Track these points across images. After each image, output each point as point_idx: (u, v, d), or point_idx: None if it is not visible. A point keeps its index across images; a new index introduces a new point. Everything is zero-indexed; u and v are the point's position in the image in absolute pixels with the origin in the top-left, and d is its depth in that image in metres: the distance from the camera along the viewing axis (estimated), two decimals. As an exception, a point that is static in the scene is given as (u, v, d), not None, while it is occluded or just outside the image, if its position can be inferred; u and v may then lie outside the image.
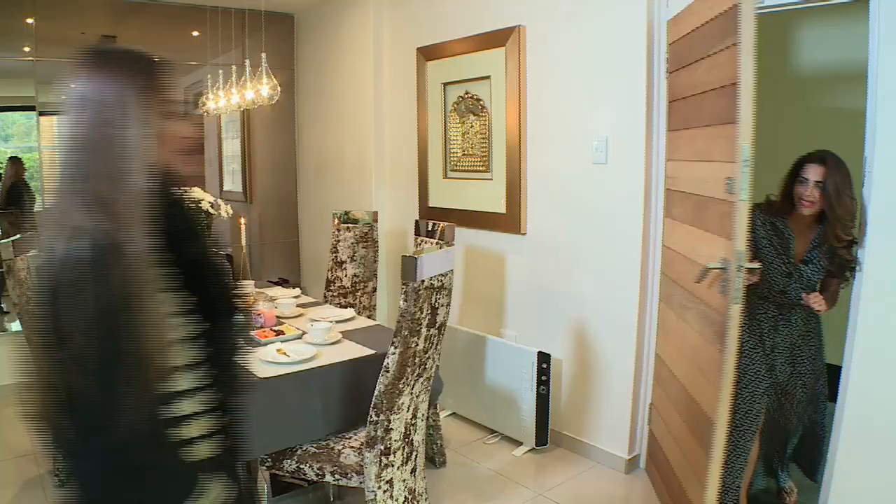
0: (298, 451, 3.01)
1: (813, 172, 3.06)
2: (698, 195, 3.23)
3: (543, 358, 4.22)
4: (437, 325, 2.92)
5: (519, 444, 4.40)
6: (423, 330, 2.80)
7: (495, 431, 4.58)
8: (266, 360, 3.05)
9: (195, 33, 6.47)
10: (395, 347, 2.72)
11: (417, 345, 2.79)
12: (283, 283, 5.63)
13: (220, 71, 5.45)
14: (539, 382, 4.21)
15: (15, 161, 10.20)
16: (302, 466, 2.98)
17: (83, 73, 1.44)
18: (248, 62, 4.85)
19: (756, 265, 2.93)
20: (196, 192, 4.35)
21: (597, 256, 4.10)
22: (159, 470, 1.48)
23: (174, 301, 1.50)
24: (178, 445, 1.50)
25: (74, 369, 1.34)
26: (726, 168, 2.80)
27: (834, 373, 3.11)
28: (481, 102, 4.72)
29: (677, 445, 3.42)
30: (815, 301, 3.11)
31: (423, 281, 2.67)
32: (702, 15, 3.12)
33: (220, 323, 1.66)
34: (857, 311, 2.90)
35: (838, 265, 3.08)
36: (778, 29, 4.85)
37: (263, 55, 4.70)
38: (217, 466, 1.58)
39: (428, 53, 5.12)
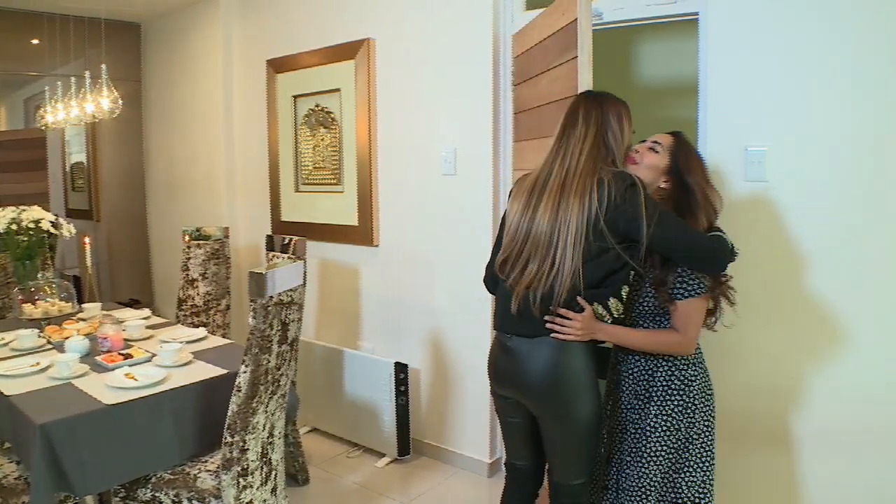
0: (153, 479, 2.90)
1: None
2: None
3: (401, 368, 4.25)
4: (289, 340, 2.89)
5: (382, 455, 4.40)
6: (275, 346, 2.77)
7: (357, 444, 4.57)
8: (113, 385, 2.93)
9: (34, 41, 6.17)
10: (246, 366, 2.67)
11: (269, 362, 2.76)
12: (133, 303, 5.45)
13: (59, 82, 5.22)
14: (398, 393, 4.23)
15: None
16: (157, 494, 2.87)
17: None
18: (87, 73, 4.67)
19: None
20: (35, 211, 4.16)
21: (449, 266, 4.16)
22: None
23: None
24: None
25: None
26: None
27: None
28: (332, 115, 4.71)
29: None
30: None
31: (271, 297, 2.64)
32: (543, 30, 3.22)
33: None
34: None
35: None
36: (620, 45, 5.06)
37: (104, 66, 4.55)
38: None
39: (278, 65, 5.07)
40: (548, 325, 2.40)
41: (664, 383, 2.49)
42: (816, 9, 2.85)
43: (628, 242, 2.37)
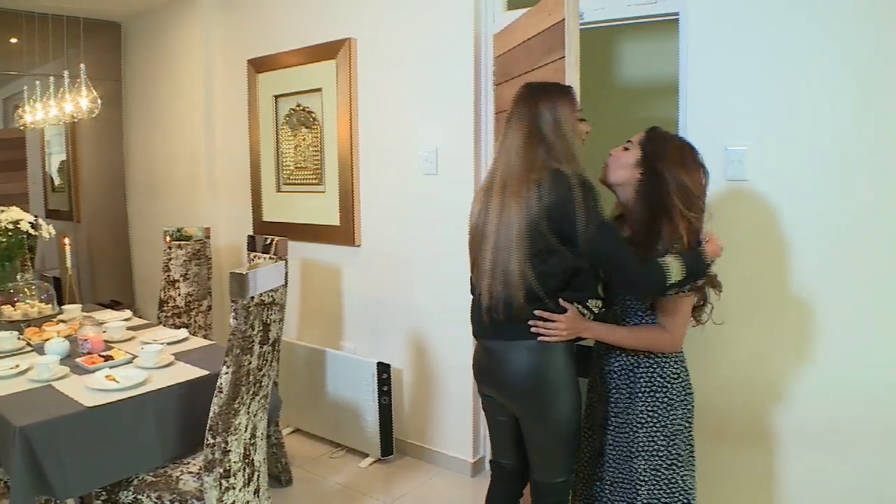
0: (135, 482, 2.89)
1: None
2: None
3: (383, 368, 4.24)
4: (271, 341, 2.88)
5: (365, 455, 4.40)
6: (256, 347, 2.76)
7: (340, 445, 4.57)
8: (94, 387, 2.91)
9: (13, 40, 6.12)
10: (228, 367, 2.67)
11: (251, 363, 2.75)
12: (115, 305, 5.42)
13: (38, 82, 5.18)
14: (381, 393, 4.23)
15: None
16: (140, 497, 2.86)
17: None
18: (66, 73, 4.64)
19: None
20: (14, 212, 4.13)
21: (431, 265, 4.16)
22: None
23: None
24: None
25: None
26: None
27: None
28: (313, 115, 4.70)
29: None
30: None
31: (252, 297, 2.63)
32: (527, 30, 3.22)
33: None
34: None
35: None
36: (601, 45, 5.07)
37: (83, 66, 4.52)
38: None
39: (259, 65, 5.06)
40: (532, 329, 2.40)
41: (647, 380, 2.49)
42: (797, 9, 2.88)
43: (573, 244, 2.34)
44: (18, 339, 3.57)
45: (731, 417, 3.13)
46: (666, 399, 2.47)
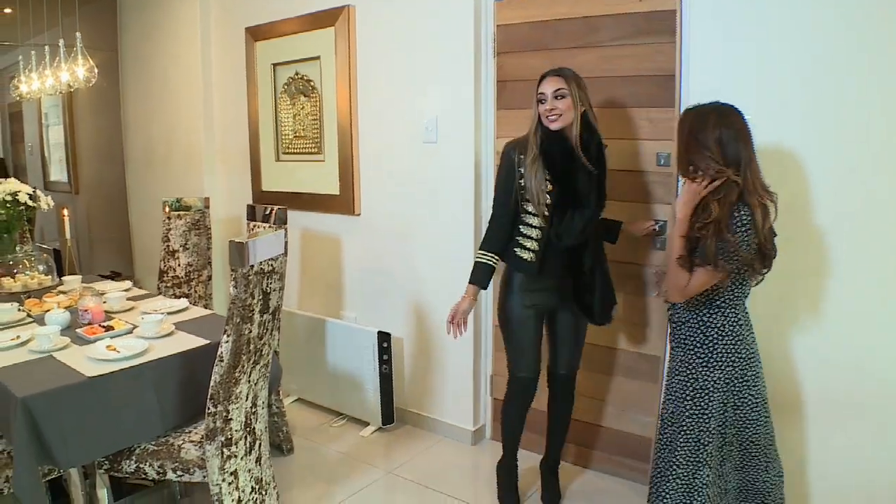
0: (137, 451, 2.89)
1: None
2: None
3: (384, 337, 4.25)
4: (271, 310, 2.88)
5: (366, 424, 4.42)
6: (256, 316, 2.75)
7: (342, 414, 4.59)
8: (95, 357, 2.91)
9: (7, 10, 6.07)
10: (228, 336, 2.66)
11: (251, 331, 2.75)
12: (115, 276, 5.42)
13: (33, 52, 5.14)
14: (381, 362, 4.24)
15: None
16: (142, 466, 2.87)
17: None
18: (61, 41, 4.60)
19: None
20: (12, 184, 4.11)
21: (431, 234, 4.15)
22: None
23: None
24: None
25: None
26: (655, 145, 3.40)
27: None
28: (312, 83, 4.67)
29: (586, 398, 3.77)
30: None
31: (252, 266, 2.62)
32: (592, 8, 3.50)
33: None
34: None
35: None
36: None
37: (78, 34, 4.48)
38: None
39: (257, 33, 5.01)
40: None
41: (690, 335, 2.59)
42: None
43: None
44: (19, 310, 3.58)
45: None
46: (704, 357, 2.54)
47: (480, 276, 3.19)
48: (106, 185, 7.23)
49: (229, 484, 2.84)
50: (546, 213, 3.02)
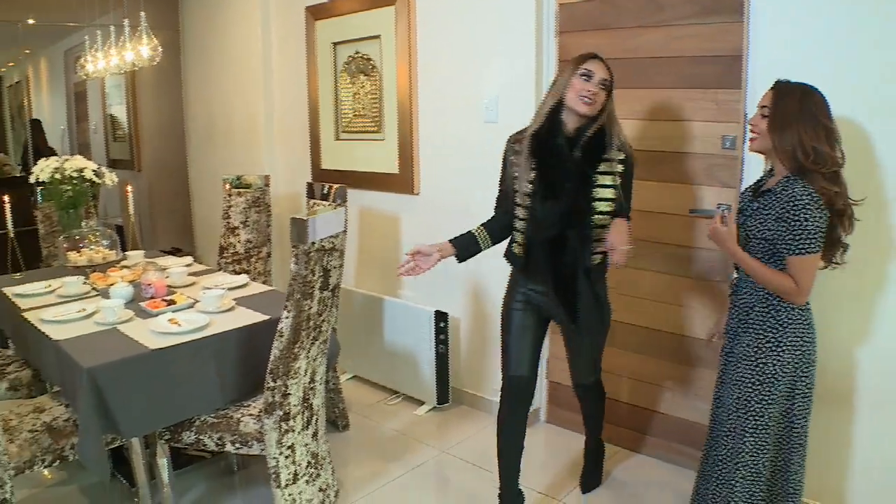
0: (196, 423, 2.95)
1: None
2: (647, 151, 3.51)
3: (441, 317, 4.25)
4: (331, 287, 2.89)
5: (421, 403, 4.43)
6: (316, 293, 2.77)
7: (397, 392, 4.61)
8: (157, 330, 2.97)
9: (72, -9, 6.17)
10: (289, 311, 2.68)
11: (311, 308, 2.76)
12: (175, 252, 5.50)
13: (99, 32, 5.23)
14: (437, 341, 4.25)
15: (35, 123, 9.54)
16: (201, 437, 2.92)
17: None
18: (126, 21, 4.67)
19: None
20: (78, 161, 4.19)
21: (490, 215, 4.12)
22: None
23: None
24: None
25: None
26: (720, 127, 3.29)
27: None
28: (372, 62, 4.66)
29: (641, 382, 3.80)
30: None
31: (313, 243, 2.63)
32: None
33: None
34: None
35: None
36: None
37: (143, 14, 4.54)
38: None
39: (317, 12, 5.02)
40: None
41: (759, 319, 2.49)
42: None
43: None
44: (84, 283, 3.65)
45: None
46: (774, 341, 2.46)
47: (459, 238, 3.11)
48: (167, 163, 7.35)
49: (286, 458, 2.87)
50: (528, 205, 2.89)
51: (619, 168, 2.84)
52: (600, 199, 2.83)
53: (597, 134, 2.81)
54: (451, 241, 3.07)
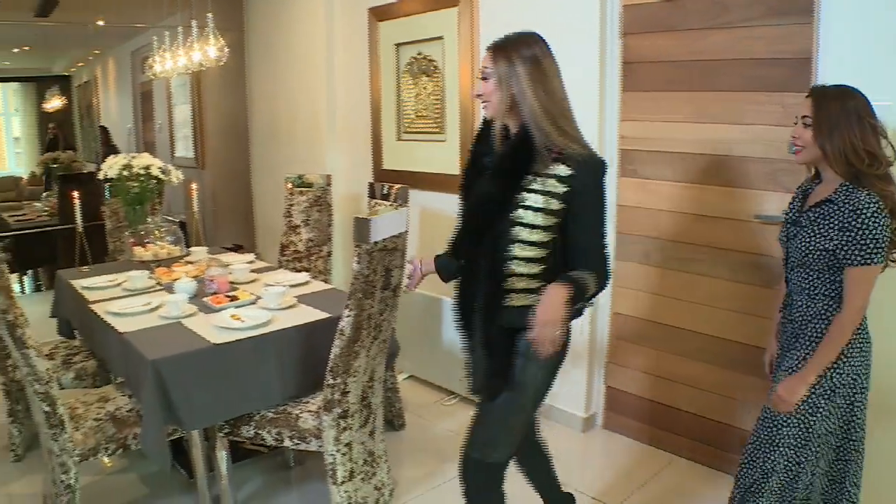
0: (256, 417, 2.99)
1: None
2: (711, 155, 3.50)
3: (499, 318, 4.22)
4: (392, 287, 2.90)
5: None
6: (378, 292, 2.78)
7: (453, 393, 4.60)
8: (220, 325, 3.01)
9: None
10: (350, 310, 2.70)
11: (372, 307, 2.78)
12: (237, 248, 5.58)
13: (167, 32, 5.33)
14: (495, 343, 4.22)
15: (104, 129, 9.97)
16: (260, 432, 2.96)
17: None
18: (194, 22, 4.74)
19: None
20: (145, 158, 4.27)
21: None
22: None
23: None
24: None
25: None
26: (785, 131, 2.99)
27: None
28: (434, 63, 4.67)
29: (703, 391, 3.69)
30: None
31: (376, 243, 2.64)
32: None
33: None
34: None
35: None
36: None
37: (210, 15, 4.60)
38: None
39: (380, 13, 5.05)
40: None
41: (817, 333, 2.39)
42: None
43: None
44: (149, 278, 3.73)
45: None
46: None
47: (441, 257, 2.78)
48: (230, 162, 7.45)
49: (343, 455, 2.89)
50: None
51: (560, 188, 2.19)
52: (521, 225, 2.21)
53: (522, 140, 2.28)
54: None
